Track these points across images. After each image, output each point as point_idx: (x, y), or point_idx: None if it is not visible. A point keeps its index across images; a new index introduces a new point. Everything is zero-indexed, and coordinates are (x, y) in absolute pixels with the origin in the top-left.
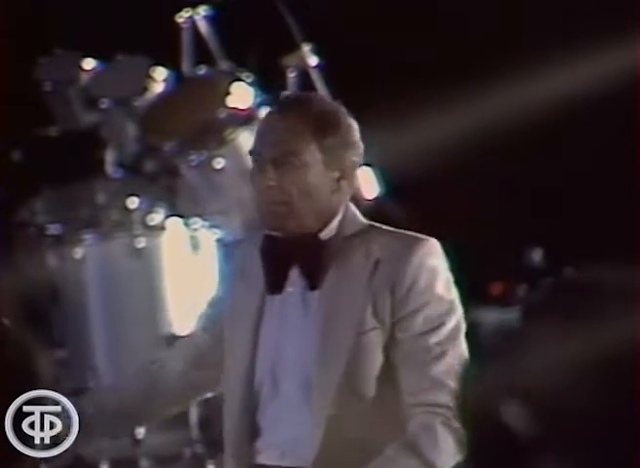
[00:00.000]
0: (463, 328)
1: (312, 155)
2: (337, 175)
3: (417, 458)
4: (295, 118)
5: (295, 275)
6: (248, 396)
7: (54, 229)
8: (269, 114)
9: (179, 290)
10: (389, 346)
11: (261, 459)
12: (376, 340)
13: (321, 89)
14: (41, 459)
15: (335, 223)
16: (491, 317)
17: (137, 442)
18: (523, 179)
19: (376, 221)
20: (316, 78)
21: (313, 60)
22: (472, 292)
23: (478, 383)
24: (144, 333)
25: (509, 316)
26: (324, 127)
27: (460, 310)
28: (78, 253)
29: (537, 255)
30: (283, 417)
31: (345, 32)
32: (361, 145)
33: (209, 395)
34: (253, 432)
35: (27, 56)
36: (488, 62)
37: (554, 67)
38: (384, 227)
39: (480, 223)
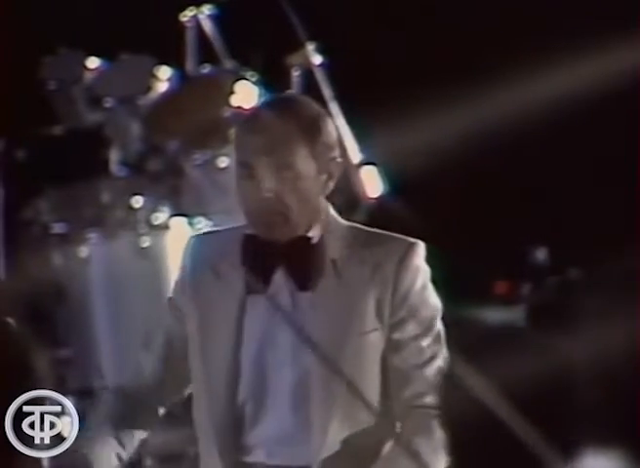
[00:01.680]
0: (443, 335)
1: (306, 164)
2: (325, 176)
3: (414, 460)
4: (284, 125)
5: (280, 276)
6: (233, 398)
7: (58, 228)
8: (255, 119)
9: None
10: (386, 348)
11: (247, 457)
12: (376, 341)
13: (325, 88)
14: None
15: (319, 225)
16: (495, 316)
17: (140, 441)
18: (528, 178)
19: (380, 220)
20: (320, 77)
21: (317, 59)
22: (477, 291)
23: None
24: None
25: (514, 315)
26: (313, 132)
27: (440, 314)
28: (83, 252)
29: (541, 254)
30: (269, 414)
31: (350, 31)
32: (338, 144)
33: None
34: (239, 432)
35: (31, 54)
36: (492, 63)
37: (557, 68)
38: (367, 228)
39: (484, 222)
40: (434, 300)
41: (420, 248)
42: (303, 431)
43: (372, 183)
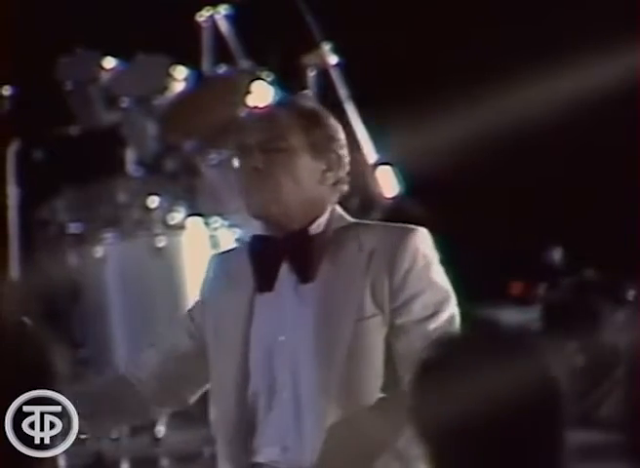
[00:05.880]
0: (457, 320)
1: (299, 140)
2: (323, 166)
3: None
4: (281, 110)
5: (285, 271)
6: (243, 395)
7: (74, 228)
8: (257, 110)
9: (198, 288)
10: (390, 335)
11: (258, 458)
12: (376, 327)
13: (341, 88)
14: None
15: (323, 220)
16: (511, 316)
17: (156, 440)
18: (544, 179)
19: (395, 219)
20: (336, 77)
21: (333, 59)
22: (492, 291)
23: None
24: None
25: (529, 315)
26: (309, 119)
27: (454, 301)
28: (99, 251)
29: (557, 255)
30: (281, 413)
31: (365, 31)
32: (345, 144)
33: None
34: (249, 430)
35: (48, 55)
36: (508, 64)
37: (568, 69)
38: (372, 222)
39: (500, 223)
40: (442, 283)
41: (420, 233)
42: (306, 431)
43: (387, 183)
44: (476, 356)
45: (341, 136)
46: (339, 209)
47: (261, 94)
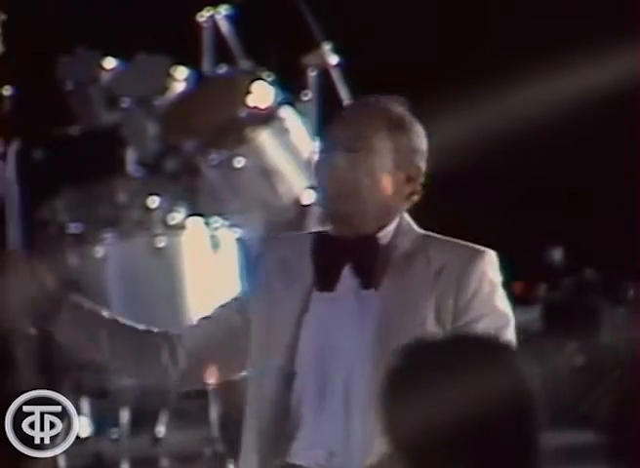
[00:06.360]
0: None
1: (383, 144)
2: (403, 177)
3: None
4: (370, 111)
5: (347, 273)
6: (285, 389)
7: (74, 228)
8: (341, 111)
9: (199, 289)
10: None
11: (300, 460)
12: None
13: (341, 88)
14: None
15: (391, 228)
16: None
17: (157, 441)
18: (544, 179)
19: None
20: (336, 77)
21: (333, 60)
22: None
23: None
24: None
25: (530, 315)
26: (398, 125)
27: (513, 327)
28: (99, 252)
29: (557, 255)
30: (330, 418)
31: (366, 31)
32: (426, 155)
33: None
34: (288, 427)
35: (49, 55)
36: (509, 64)
37: (569, 70)
38: (440, 236)
39: (500, 223)
40: (504, 309)
41: (489, 256)
42: (355, 440)
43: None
44: (443, 361)
45: (425, 146)
46: (407, 217)
47: (262, 94)
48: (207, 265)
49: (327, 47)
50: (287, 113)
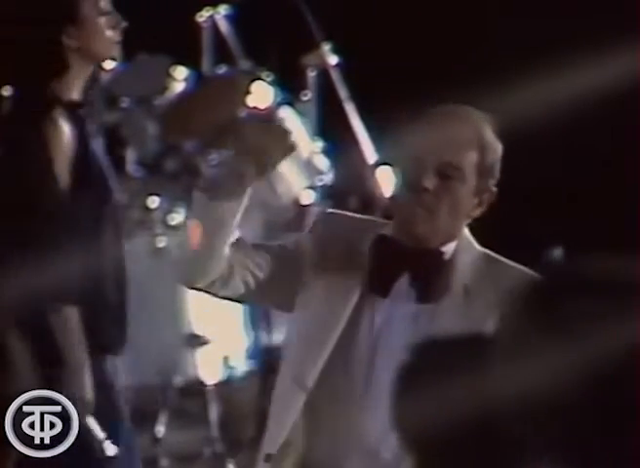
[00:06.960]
0: None
1: (473, 172)
2: (477, 200)
3: None
4: (463, 132)
5: (404, 283)
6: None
7: None
8: (433, 120)
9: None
10: None
11: None
12: None
13: (341, 88)
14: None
15: (454, 243)
16: None
17: (156, 440)
18: (544, 179)
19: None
20: (336, 77)
21: (333, 60)
22: None
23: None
24: (165, 333)
25: None
26: (487, 148)
27: None
28: None
29: (557, 254)
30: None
31: (365, 31)
32: (497, 178)
33: None
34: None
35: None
36: (509, 64)
37: (568, 70)
38: (500, 258)
39: (500, 223)
40: None
41: None
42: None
43: (387, 183)
44: (457, 359)
45: (498, 167)
46: (467, 233)
47: (261, 94)
48: None
49: (327, 47)
50: (286, 113)
